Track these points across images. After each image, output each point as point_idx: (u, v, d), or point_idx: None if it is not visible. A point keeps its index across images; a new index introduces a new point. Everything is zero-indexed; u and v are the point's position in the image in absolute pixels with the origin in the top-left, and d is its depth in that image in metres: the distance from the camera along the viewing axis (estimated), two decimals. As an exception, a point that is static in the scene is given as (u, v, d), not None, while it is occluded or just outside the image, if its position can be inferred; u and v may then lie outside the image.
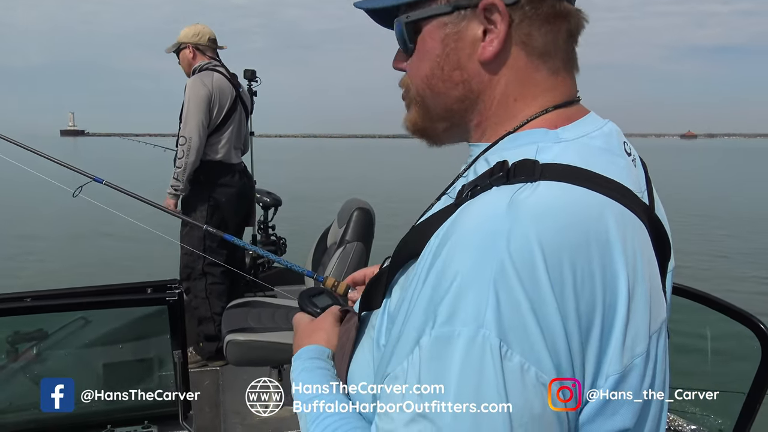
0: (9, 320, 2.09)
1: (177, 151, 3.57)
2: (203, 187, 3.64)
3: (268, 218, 4.74)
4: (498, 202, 0.63)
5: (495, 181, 0.67)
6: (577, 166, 0.68)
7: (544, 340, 0.58)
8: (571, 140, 0.73)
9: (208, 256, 3.54)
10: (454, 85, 0.79)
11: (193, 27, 3.80)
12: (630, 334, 0.63)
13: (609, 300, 0.62)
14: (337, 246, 3.06)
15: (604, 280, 0.62)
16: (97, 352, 2.28)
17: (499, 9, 0.73)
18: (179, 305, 1.84)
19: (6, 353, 2.21)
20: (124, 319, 2.26)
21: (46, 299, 1.89)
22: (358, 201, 3.14)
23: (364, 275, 1.20)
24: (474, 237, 0.61)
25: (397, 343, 0.65)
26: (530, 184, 0.64)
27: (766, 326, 1.58)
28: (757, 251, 11.66)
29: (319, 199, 15.24)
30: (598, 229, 0.63)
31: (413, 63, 0.82)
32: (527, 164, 0.67)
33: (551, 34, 0.76)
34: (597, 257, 0.61)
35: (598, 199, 0.65)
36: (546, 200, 0.63)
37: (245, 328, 2.95)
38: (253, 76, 4.13)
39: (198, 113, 3.55)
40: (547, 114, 0.77)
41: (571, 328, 0.60)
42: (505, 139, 0.78)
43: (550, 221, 0.61)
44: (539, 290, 0.58)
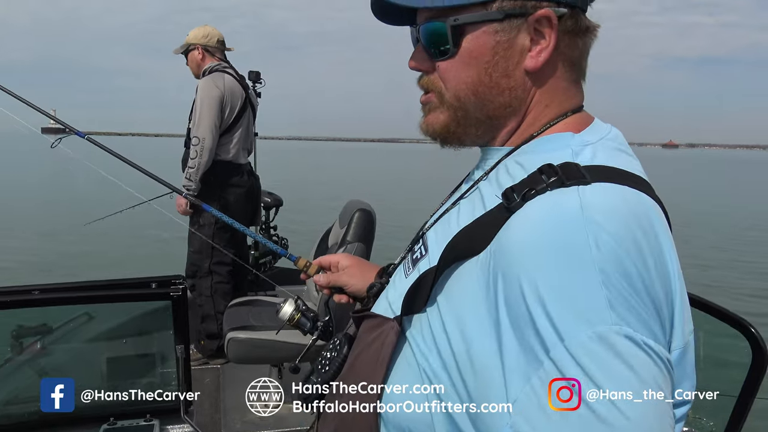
0: (14, 314, 2.13)
1: (189, 152, 3.61)
2: (213, 186, 3.68)
3: (269, 218, 4.78)
4: (568, 206, 0.66)
5: (552, 185, 0.69)
6: (613, 167, 0.72)
7: (658, 324, 0.63)
8: (594, 143, 0.78)
9: (217, 250, 3.59)
10: (501, 92, 0.81)
11: (202, 28, 3.84)
12: (684, 311, 0.68)
13: (668, 281, 0.66)
14: (338, 246, 3.09)
15: (664, 264, 0.66)
16: (100, 346, 2.32)
17: (551, 22, 0.77)
18: (183, 301, 1.88)
19: (11, 347, 2.25)
20: (128, 315, 2.30)
21: (52, 292, 1.93)
22: (359, 202, 3.17)
23: (329, 262, 1.25)
24: (561, 245, 0.63)
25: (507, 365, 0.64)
26: (586, 187, 0.68)
27: (756, 329, 1.62)
28: (740, 259, 11.82)
29: (306, 199, 15.24)
30: (649, 221, 0.67)
31: (453, 67, 0.82)
32: (572, 167, 0.70)
33: (583, 46, 0.82)
34: (656, 246, 0.66)
35: (640, 195, 0.70)
36: (608, 201, 0.67)
37: (246, 326, 2.98)
38: (258, 77, 4.16)
39: (211, 114, 3.60)
40: (567, 118, 0.82)
41: (664, 310, 0.64)
42: (531, 143, 0.82)
43: (619, 220, 0.65)
44: (634, 284, 0.62)
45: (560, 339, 0.60)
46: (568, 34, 0.80)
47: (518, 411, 0.62)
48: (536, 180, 0.71)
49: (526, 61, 0.79)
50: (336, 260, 1.25)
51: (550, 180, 0.70)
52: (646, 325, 0.61)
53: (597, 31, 0.83)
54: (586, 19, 0.82)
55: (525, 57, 0.79)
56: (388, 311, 0.87)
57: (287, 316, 1.29)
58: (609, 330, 0.59)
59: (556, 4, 0.78)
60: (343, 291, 1.23)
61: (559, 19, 0.78)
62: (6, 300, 1.87)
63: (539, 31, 0.78)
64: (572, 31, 0.80)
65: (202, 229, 3.64)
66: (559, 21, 0.78)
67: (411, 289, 0.81)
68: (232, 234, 3.74)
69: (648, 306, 0.62)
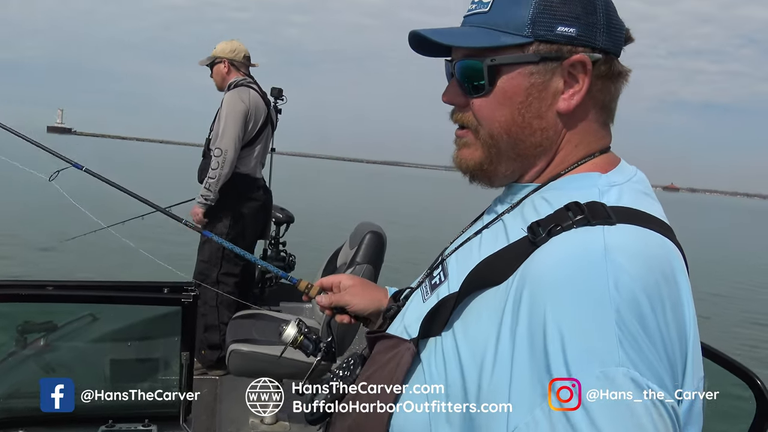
0: (21, 309, 2.15)
1: (210, 162, 3.66)
2: (228, 198, 3.73)
3: (279, 234, 4.80)
4: (592, 246, 0.68)
5: (578, 222, 0.71)
6: (638, 209, 0.74)
7: (667, 370, 0.63)
8: (621, 184, 0.80)
9: (225, 261, 3.66)
10: (533, 132, 0.83)
11: (230, 43, 3.92)
12: (696, 358, 0.69)
13: (683, 328, 0.67)
14: (347, 267, 3.11)
15: (681, 310, 0.67)
16: (105, 347, 2.33)
17: (586, 67, 0.80)
18: (193, 307, 1.90)
19: (15, 341, 2.27)
20: (132, 318, 2.31)
21: (66, 289, 1.95)
22: (371, 224, 3.19)
23: (331, 282, 1.25)
24: (582, 284, 0.65)
25: (514, 394, 0.65)
26: (611, 227, 0.69)
27: (761, 379, 1.61)
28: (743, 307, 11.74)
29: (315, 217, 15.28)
30: (671, 265, 0.69)
31: (487, 105, 0.84)
32: (598, 207, 0.72)
33: (615, 91, 0.85)
34: (675, 292, 0.67)
35: (663, 239, 0.72)
36: (631, 243, 0.68)
37: (250, 339, 2.99)
38: (280, 94, 4.23)
39: (235, 127, 3.67)
40: (594, 159, 0.85)
41: (677, 357, 0.65)
42: (558, 180, 0.84)
43: (641, 263, 0.66)
44: (648, 328, 0.63)
45: (568, 375, 0.61)
46: (601, 79, 0.82)
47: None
48: (562, 216, 0.73)
49: (559, 104, 0.81)
50: (338, 280, 1.25)
51: (576, 217, 0.71)
52: (654, 371, 0.62)
53: (629, 75, 0.85)
54: (619, 64, 0.84)
55: (558, 99, 0.81)
56: (404, 334, 0.89)
57: (290, 338, 1.29)
58: (616, 371, 0.60)
59: (591, 49, 0.80)
60: (346, 311, 1.22)
61: (593, 64, 0.80)
62: (20, 293, 1.89)
63: (573, 74, 0.80)
64: (605, 76, 0.82)
65: (212, 240, 3.66)
66: (593, 66, 0.80)
67: (430, 313, 0.82)
68: (243, 245, 3.77)
69: (659, 351, 0.63)
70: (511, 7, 0.81)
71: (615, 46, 0.83)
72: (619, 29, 0.84)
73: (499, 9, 0.82)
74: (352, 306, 1.20)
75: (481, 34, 0.82)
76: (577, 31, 0.79)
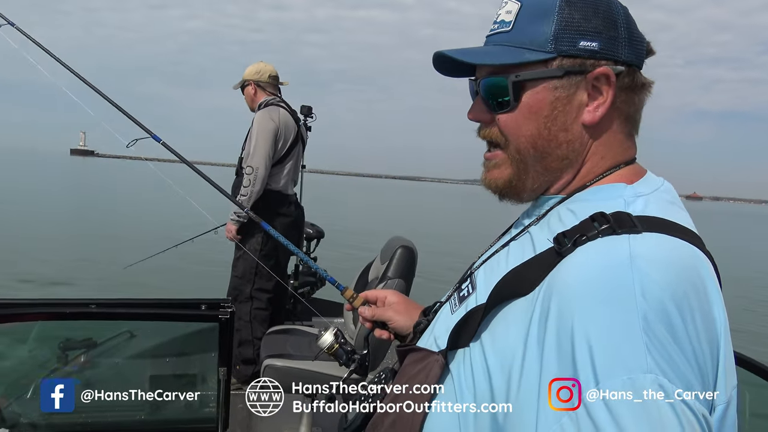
0: (65, 327, 2.21)
1: (242, 180, 3.74)
2: (261, 215, 3.78)
3: (310, 249, 4.84)
4: (618, 254, 0.68)
5: (603, 232, 0.72)
6: (665, 218, 0.75)
7: (698, 377, 0.63)
8: (647, 194, 0.80)
9: (259, 277, 3.72)
10: (558, 145, 0.84)
11: (255, 65, 4.02)
12: (728, 367, 0.68)
13: (714, 336, 0.67)
14: (379, 281, 3.12)
15: (711, 318, 0.67)
16: (144, 363, 2.38)
17: (609, 80, 0.81)
18: (230, 324, 1.94)
19: (57, 358, 2.33)
20: (169, 335, 2.36)
21: (108, 307, 2.00)
22: (402, 239, 3.21)
23: (376, 296, 1.26)
24: (609, 292, 0.65)
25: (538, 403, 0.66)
26: (637, 236, 0.70)
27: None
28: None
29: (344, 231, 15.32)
30: (699, 274, 0.69)
31: (513, 120, 0.85)
32: (623, 216, 0.73)
33: (639, 102, 0.86)
34: (704, 299, 0.67)
35: (690, 247, 0.72)
36: (658, 252, 0.69)
37: (284, 354, 3.01)
38: (309, 111, 4.29)
39: (266, 145, 3.75)
40: (620, 170, 0.86)
41: (708, 365, 0.65)
42: (584, 192, 0.85)
43: (668, 271, 0.67)
44: (676, 336, 0.63)
45: (596, 382, 0.62)
46: (624, 91, 0.83)
47: None
48: (588, 227, 0.74)
49: (584, 116, 0.83)
50: (384, 295, 1.26)
51: (601, 227, 0.72)
52: (683, 378, 0.62)
53: (652, 87, 0.86)
54: (642, 76, 0.86)
55: (583, 112, 0.83)
56: (432, 346, 0.90)
57: (326, 344, 1.30)
58: (644, 377, 0.60)
59: (614, 62, 0.82)
60: (386, 326, 1.23)
61: (616, 76, 0.81)
62: (65, 311, 1.96)
63: (597, 87, 0.82)
64: (629, 88, 0.84)
65: (248, 255, 3.73)
66: (617, 78, 0.82)
67: (458, 325, 0.83)
68: (276, 262, 3.82)
69: (689, 359, 0.63)
70: (534, 24, 0.83)
71: (637, 58, 0.84)
72: (640, 42, 0.85)
73: (522, 27, 0.84)
74: (394, 322, 1.21)
75: (505, 51, 0.84)
76: (599, 45, 0.81)
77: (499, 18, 0.87)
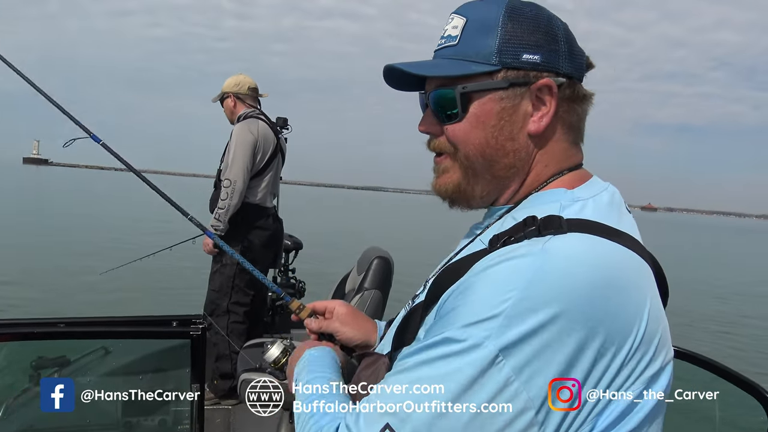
0: (35, 346, 2.17)
1: (220, 193, 3.72)
2: (239, 228, 3.78)
3: (288, 260, 4.82)
4: (532, 248, 0.73)
5: (528, 234, 0.76)
6: (596, 221, 0.78)
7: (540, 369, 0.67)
8: (586, 198, 0.84)
9: (235, 291, 3.71)
10: (506, 154, 0.88)
11: (234, 77, 4.00)
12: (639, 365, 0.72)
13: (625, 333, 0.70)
14: (355, 293, 3.12)
15: (622, 316, 0.70)
16: (117, 381, 2.34)
17: (552, 90, 0.85)
18: (202, 340, 1.92)
19: (29, 377, 2.29)
20: (145, 351, 2.32)
21: (76, 326, 1.97)
22: (378, 250, 3.21)
23: (325, 307, 1.25)
24: (504, 272, 0.71)
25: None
26: (559, 236, 0.74)
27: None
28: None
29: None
30: (621, 274, 0.73)
31: (462, 129, 0.88)
32: (554, 219, 0.77)
33: (581, 112, 0.90)
34: (617, 297, 0.71)
35: (617, 247, 0.76)
36: (574, 247, 0.73)
37: (260, 368, 2.99)
38: (285, 123, 4.28)
39: (244, 158, 3.73)
40: (563, 176, 0.89)
41: (591, 348, 0.68)
42: (529, 198, 0.89)
43: (578, 261, 0.71)
44: (556, 317, 0.67)
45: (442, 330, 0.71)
46: (566, 101, 0.87)
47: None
48: (518, 228, 0.78)
49: (529, 126, 0.86)
50: (332, 306, 1.25)
51: (528, 229, 0.76)
52: (517, 358, 0.66)
53: (593, 98, 0.91)
54: (583, 87, 0.90)
55: (528, 122, 0.86)
56: (385, 349, 0.94)
57: (272, 358, 1.26)
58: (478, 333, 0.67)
59: (555, 74, 0.86)
60: (333, 338, 1.21)
61: (558, 87, 0.85)
62: (32, 331, 1.92)
63: (540, 98, 0.85)
64: (570, 98, 0.88)
65: (225, 269, 3.71)
66: (559, 89, 0.85)
67: (401, 325, 0.89)
68: (253, 275, 3.80)
69: (539, 350, 0.67)
70: (479, 38, 0.86)
71: (577, 71, 0.89)
72: (580, 56, 0.89)
73: (468, 41, 0.87)
74: (341, 334, 1.20)
75: (452, 64, 0.87)
76: (541, 58, 0.85)
77: (446, 33, 0.90)
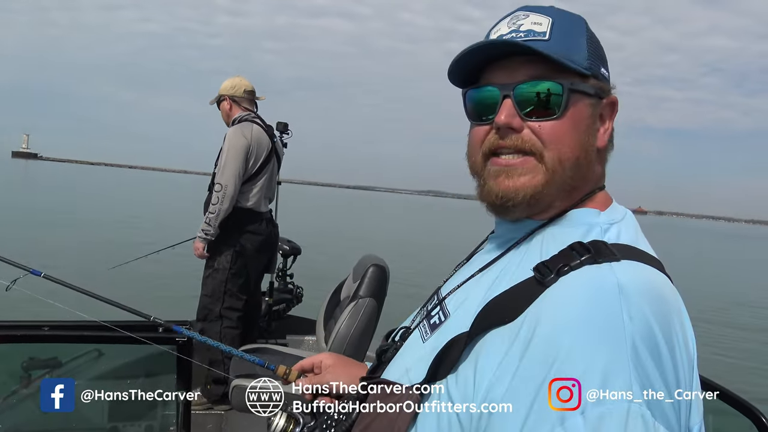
0: (26, 347, 2.16)
1: (212, 197, 3.70)
2: (231, 232, 3.76)
3: (286, 266, 4.79)
4: (605, 284, 0.68)
5: (585, 262, 0.72)
6: (636, 247, 0.77)
7: (672, 409, 0.64)
8: (619, 222, 0.82)
9: (228, 296, 3.68)
10: (589, 162, 0.84)
11: (231, 79, 3.99)
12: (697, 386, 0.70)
13: (690, 361, 0.69)
14: (350, 300, 3.09)
15: (687, 342, 0.69)
16: (106, 384, 2.33)
17: (615, 107, 0.85)
18: (188, 346, 1.90)
19: (20, 378, 2.27)
20: (137, 355, 2.31)
21: (62, 329, 1.96)
22: (374, 257, 3.18)
23: (312, 363, 1.17)
24: (598, 319, 0.65)
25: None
26: (617, 264, 0.71)
27: (762, 412, 1.58)
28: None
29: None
30: (675, 299, 0.72)
31: (560, 128, 0.81)
32: (601, 245, 0.74)
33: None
34: (682, 323, 0.70)
35: (661, 275, 0.75)
36: (639, 281, 0.70)
37: (252, 374, 2.96)
38: (285, 128, 4.26)
39: (236, 162, 3.71)
40: (596, 195, 0.86)
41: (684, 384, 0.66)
42: (566, 216, 0.84)
43: (650, 299, 0.68)
44: (661, 361, 0.64)
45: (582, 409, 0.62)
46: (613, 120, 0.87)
47: None
48: (569, 256, 0.73)
49: (598, 139, 0.85)
50: (319, 360, 1.18)
51: (582, 257, 0.72)
52: (660, 411, 0.63)
53: None
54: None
55: (597, 134, 0.84)
56: (404, 377, 0.85)
57: (279, 429, 1.19)
58: (628, 406, 0.61)
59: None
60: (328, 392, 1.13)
61: None
62: (16, 334, 1.91)
63: (603, 114, 0.84)
64: (614, 116, 0.87)
65: (217, 273, 3.69)
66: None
67: (439, 355, 0.79)
68: (246, 279, 3.78)
69: (670, 384, 0.64)
70: (572, 40, 0.82)
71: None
72: None
73: (561, 40, 0.81)
74: (335, 387, 1.12)
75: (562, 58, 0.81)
76: (608, 74, 0.84)
77: (522, 27, 0.82)
